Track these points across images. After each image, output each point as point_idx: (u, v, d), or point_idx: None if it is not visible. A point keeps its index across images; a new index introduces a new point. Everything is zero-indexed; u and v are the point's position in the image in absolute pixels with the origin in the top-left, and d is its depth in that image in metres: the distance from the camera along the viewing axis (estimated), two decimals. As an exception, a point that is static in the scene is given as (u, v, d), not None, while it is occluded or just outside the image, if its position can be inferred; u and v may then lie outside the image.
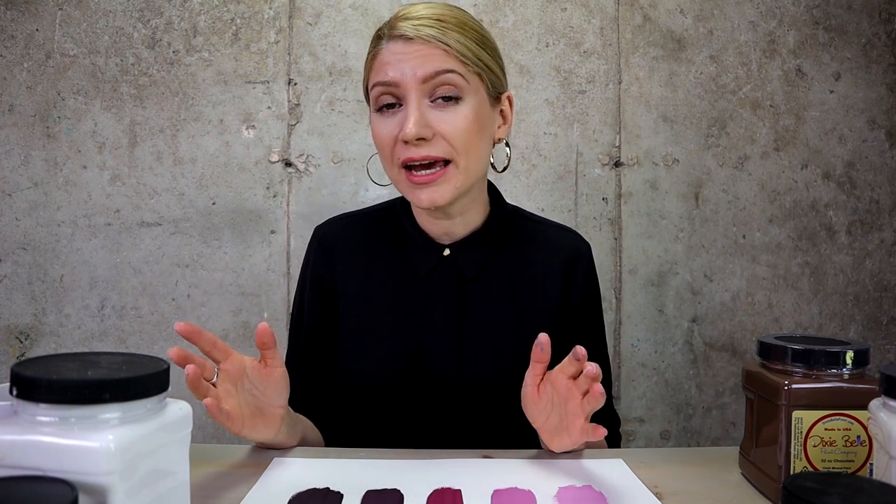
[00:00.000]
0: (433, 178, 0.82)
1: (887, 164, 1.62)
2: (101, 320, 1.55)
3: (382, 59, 0.83)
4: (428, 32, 0.81)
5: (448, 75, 0.81)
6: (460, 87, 0.82)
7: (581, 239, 0.99)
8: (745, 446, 0.72)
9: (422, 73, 0.81)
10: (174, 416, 0.47)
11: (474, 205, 0.91)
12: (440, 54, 0.81)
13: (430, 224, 0.91)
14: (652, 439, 1.60)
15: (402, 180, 0.84)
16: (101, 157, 1.56)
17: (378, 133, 0.85)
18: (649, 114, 1.59)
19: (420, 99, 0.81)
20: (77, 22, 1.55)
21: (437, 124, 0.81)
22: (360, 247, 0.95)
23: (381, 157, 0.87)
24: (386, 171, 0.87)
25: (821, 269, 1.62)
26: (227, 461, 0.76)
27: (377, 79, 0.84)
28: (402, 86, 0.81)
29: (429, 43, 0.81)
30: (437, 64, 0.81)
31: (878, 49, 1.61)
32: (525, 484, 0.68)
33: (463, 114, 0.82)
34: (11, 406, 0.44)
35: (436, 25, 0.82)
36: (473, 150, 0.83)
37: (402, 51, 0.82)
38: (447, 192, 0.83)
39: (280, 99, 1.57)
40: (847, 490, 0.43)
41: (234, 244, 1.56)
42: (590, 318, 0.96)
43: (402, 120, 0.82)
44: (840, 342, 0.66)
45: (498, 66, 0.88)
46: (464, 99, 0.83)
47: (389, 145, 0.83)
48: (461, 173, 0.83)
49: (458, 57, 0.82)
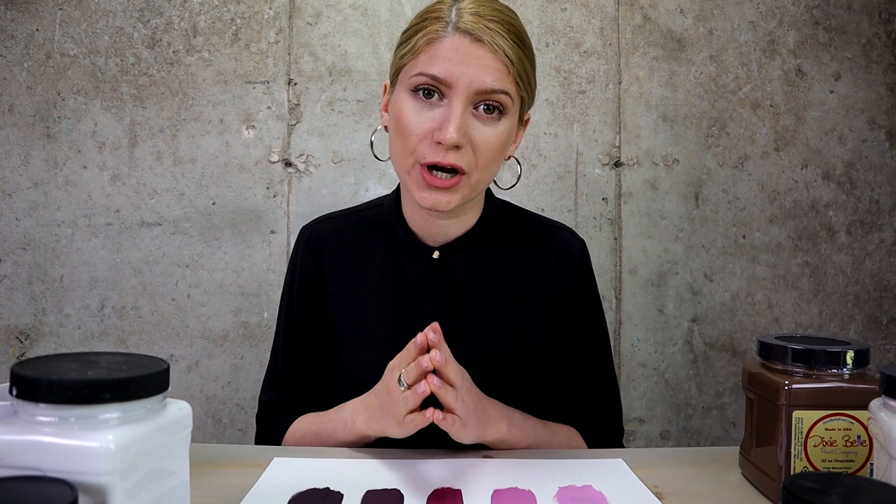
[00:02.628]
0: (447, 185, 0.79)
1: (887, 164, 1.62)
2: (101, 320, 1.55)
3: (441, 50, 0.78)
4: (498, 42, 0.77)
5: (502, 95, 0.78)
6: (506, 106, 0.80)
7: (575, 236, 0.96)
8: (745, 446, 0.72)
9: (478, 85, 0.77)
10: (174, 416, 0.47)
11: (470, 209, 0.90)
12: (502, 69, 0.78)
13: (422, 225, 0.90)
14: (652, 439, 1.60)
15: (416, 176, 0.80)
16: (101, 157, 1.56)
17: (408, 119, 0.79)
18: (649, 114, 1.59)
19: (466, 105, 0.78)
20: (77, 22, 1.55)
21: (474, 133, 0.79)
22: (349, 248, 0.94)
23: (399, 141, 0.82)
24: (397, 155, 0.83)
25: (821, 269, 1.62)
26: (227, 461, 0.75)
27: (430, 70, 0.78)
28: (455, 88, 0.77)
29: (495, 53, 0.77)
30: (497, 80, 0.78)
31: (878, 49, 1.61)
32: (525, 484, 0.68)
33: (498, 132, 0.80)
34: (11, 406, 0.44)
35: (506, 34, 0.78)
36: (490, 167, 0.82)
37: (465, 50, 0.77)
38: (454, 201, 0.81)
39: (280, 99, 1.57)
40: (847, 490, 0.43)
41: (234, 244, 1.56)
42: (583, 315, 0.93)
43: (441, 119, 0.78)
44: (840, 342, 0.66)
45: (535, 88, 0.86)
46: (505, 116, 0.80)
47: (418, 137, 0.79)
48: (473, 185, 0.81)
49: (515, 77, 0.79)
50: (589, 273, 0.96)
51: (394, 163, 0.85)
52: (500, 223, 0.93)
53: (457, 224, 0.90)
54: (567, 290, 0.92)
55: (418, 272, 0.89)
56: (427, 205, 0.81)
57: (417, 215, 0.90)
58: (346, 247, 0.94)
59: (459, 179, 0.80)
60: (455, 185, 0.80)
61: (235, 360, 1.56)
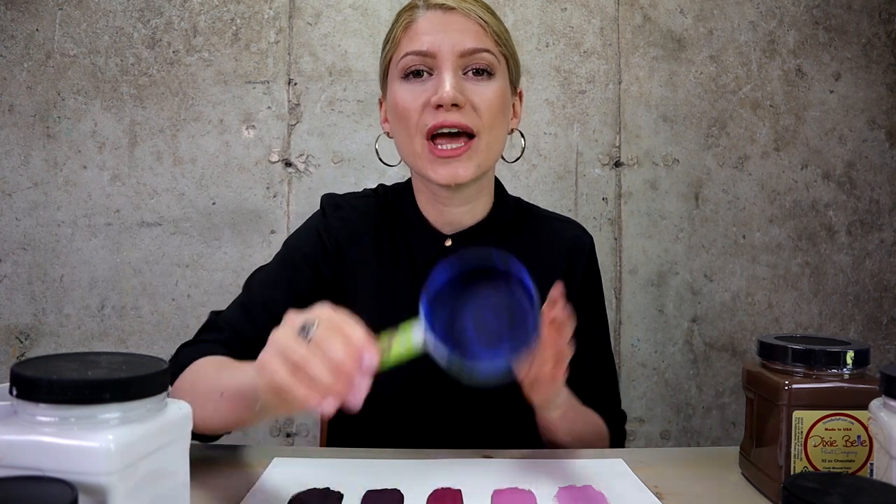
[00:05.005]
0: (458, 153, 0.81)
1: (887, 164, 1.62)
2: (101, 320, 1.55)
3: (418, 27, 0.82)
4: (470, 6, 0.82)
5: (485, 54, 0.82)
6: (493, 65, 0.83)
7: (584, 231, 0.98)
8: (745, 446, 0.71)
9: (460, 48, 0.81)
10: (174, 416, 0.47)
11: (482, 194, 0.90)
12: (478, 30, 0.82)
13: (435, 213, 0.90)
14: (652, 439, 1.60)
15: (425, 154, 0.82)
16: (101, 157, 1.56)
17: (403, 100, 0.83)
18: (649, 114, 1.59)
19: (456, 70, 0.81)
20: (77, 22, 1.55)
21: (470, 94, 0.81)
22: (366, 227, 0.93)
23: (402, 129, 0.84)
24: (404, 146, 0.85)
25: (821, 269, 1.62)
26: (227, 461, 0.75)
27: (412, 47, 0.82)
28: (439, 57, 0.81)
29: (468, 17, 0.82)
30: (476, 40, 0.82)
31: (878, 49, 1.61)
32: (525, 484, 0.68)
33: (493, 88, 0.83)
34: (11, 406, 0.44)
35: (473, 2, 0.83)
36: (497, 127, 0.84)
37: (440, 20, 0.82)
38: (470, 169, 0.82)
39: (280, 99, 1.57)
40: (847, 490, 0.43)
41: (234, 244, 1.56)
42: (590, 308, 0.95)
43: (434, 86, 0.81)
44: (840, 342, 0.66)
45: (516, 55, 0.90)
46: (495, 76, 0.83)
47: (417, 112, 0.81)
48: (484, 150, 0.83)
49: (493, 37, 0.83)
50: (597, 267, 0.98)
51: (404, 156, 0.87)
52: (511, 215, 0.95)
53: (469, 212, 0.90)
54: (577, 284, 0.93)
55: (429, 259, 0.89)
56: (444, 180, 0.81)
57: (431, 204, 0.90)
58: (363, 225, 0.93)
59: (469, 144, 0.81)
60: (466, 150, 0.81)
61: (235, 360, 1.56)
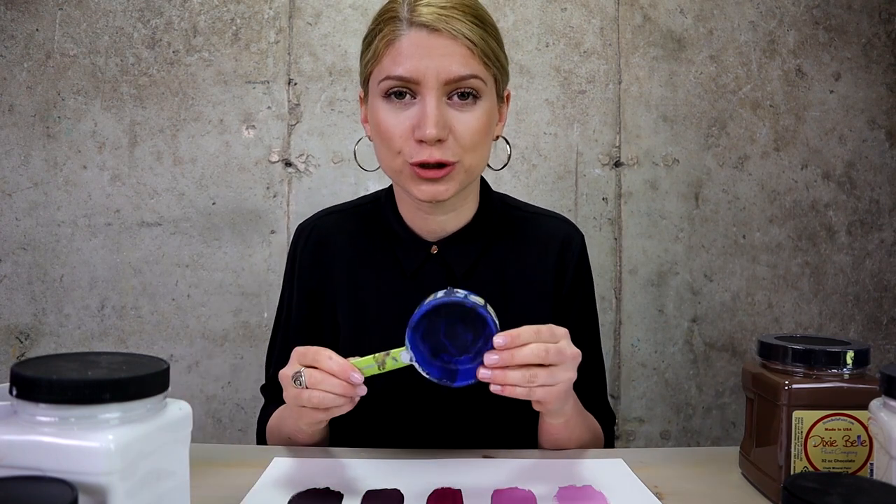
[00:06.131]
0: (442, 174, 0.79)
1: (887, 164, 1.62)
2: (101, 320, 1.55)
3: (401, 49, 0.77)
4: (457, 27, 0.77)
5: (471, 80, 0.78)
6: (479, 89, 0.79)
7: (572, 227, 0.97)
8: (745, 446, 0.72)
9: (445, 75, 0.77)
10: (174, 416, 0.47)
11: (467, 200, 0.89)
12: (465, 54, 0.77)
13: (419, 220, 0.89)
14: (652, 439, 1.60)
15: (408, 173, 0.80)
16: (101, 157, 1.56)
17: (385, 123, 0.80)
18: (649, 114, 1.59)
19: (440, 98, 0.77)
20: (77, 22, 1.55)
21: (454, 123, 0.79)
22: (348, 244, 0.93)
23: (383, 146, 0.82)
24: (384, 160, 0.84)
25: (821, 269, 1.62)
26: (227, 461, 0.75)
27: (395, 71, 0.77)
28: (423, 84, 0.77)
29: (455, 39, 0.77)
30: (463, 65, 0.77)
31: (878, 49, 1.61)
32: (525, 484, 0.68)
33: (477, 115, 0.80)
34: (11, 406, 0.44)
35: (462, 18, 0.77)
36: (479, 150, 0.82)
37: (425, 44, 0.76)
38: (452, 188, 0.81)
39: (280, 99, 1.57)
40: (848, 490, 0.43)
41: (234, 244, 1.56)
42: (580, 306, 0.94)
43: (417, 116, 0.78)
44: (840, 342, 0.66)
45: (506, 64, 0.86)
46: (480, 99, 0.80)
47: (399, 137, 0.79)
48: (465, 172, 0.82)
49: (481, 58, 0.79)
50: (587, 263, 0.97)
51: (384, 168, 0.86)
52: (497, 216, 0.93)
53: (454, 218, 0.89)
54: (567, 281, 0.93)
55: (416, 267, 0.89)
56: (426, 197, 0.80)
57: (413, 213, 0.89)
58: (345, 243, 0.93)
59: (452, 168, 0.80)
60: (448, 173, 0.80)
61: (235, 360, 1.56)
